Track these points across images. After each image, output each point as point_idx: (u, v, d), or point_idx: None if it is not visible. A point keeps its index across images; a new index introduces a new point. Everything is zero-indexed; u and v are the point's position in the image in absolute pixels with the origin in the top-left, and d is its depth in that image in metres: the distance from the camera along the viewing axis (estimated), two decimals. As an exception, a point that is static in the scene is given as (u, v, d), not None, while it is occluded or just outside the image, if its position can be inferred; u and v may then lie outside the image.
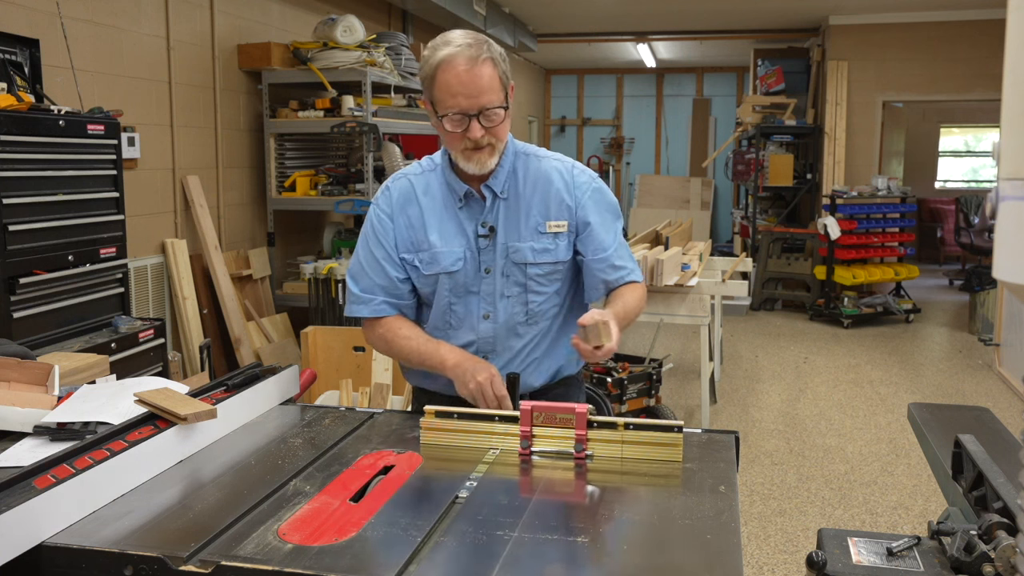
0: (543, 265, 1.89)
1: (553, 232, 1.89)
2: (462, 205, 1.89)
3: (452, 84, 1.72)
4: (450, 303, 1.92)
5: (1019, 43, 0.87)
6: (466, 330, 1.93)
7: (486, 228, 1.88)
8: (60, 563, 1.21)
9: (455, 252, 1.88)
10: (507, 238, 1.88)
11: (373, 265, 1.93)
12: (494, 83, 1.75)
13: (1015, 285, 0.89)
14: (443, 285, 1.91)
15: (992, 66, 8.43)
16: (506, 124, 1.82)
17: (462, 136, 1.77)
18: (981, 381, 6.09)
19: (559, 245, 1.90)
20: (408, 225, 1.92)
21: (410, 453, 1.60)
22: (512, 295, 1.90)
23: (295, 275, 5.26)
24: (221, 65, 4.92)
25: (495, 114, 1.76)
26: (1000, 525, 1.14)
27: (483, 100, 1.74)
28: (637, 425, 1.57)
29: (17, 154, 3.00)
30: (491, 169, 1.84)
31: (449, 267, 1.89)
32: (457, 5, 7.09)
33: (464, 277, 1.90)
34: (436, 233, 1.89)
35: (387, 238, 1.92)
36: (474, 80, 1.72)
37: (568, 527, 1.32)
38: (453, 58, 1.72)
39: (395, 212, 1.93)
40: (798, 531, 3.70)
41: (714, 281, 4.97)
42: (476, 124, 1.75)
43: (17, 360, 1.89)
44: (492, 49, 1.78)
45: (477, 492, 1.43)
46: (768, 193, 9.48)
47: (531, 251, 1.88)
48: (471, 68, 1.72)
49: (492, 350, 1.92)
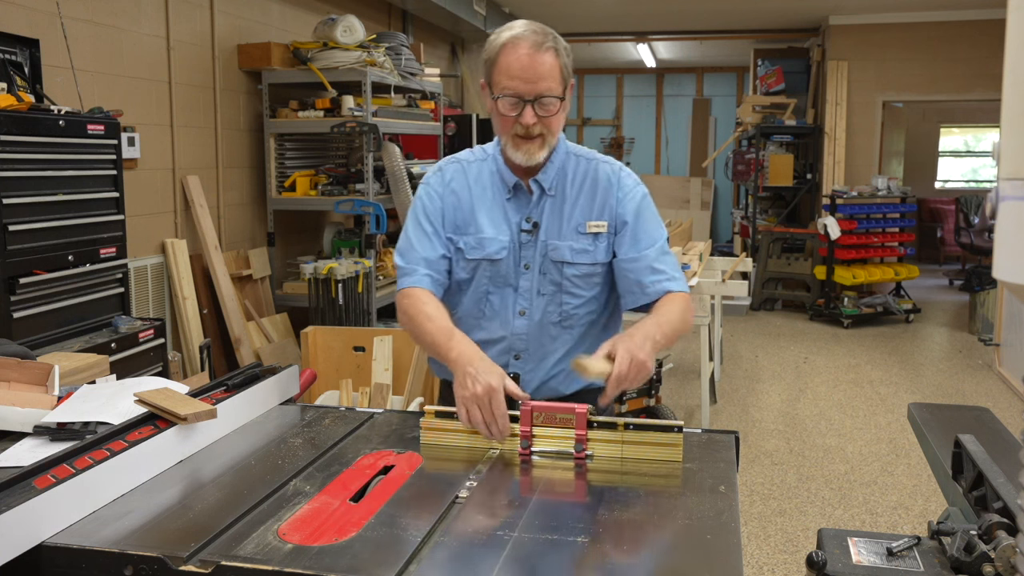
0: (580, 266, 1.88)
1: (593, 233, 1.88)
2: (510, 197, 1.90)
3: (512, 67, 1.73)
4: (487, 292, 1.91)
5: (1019, 43, 0.87)
6: (499, 324, 1.91)
7: (530, 223, 1.88)
8: (60, 563, 1.20)
9: (501, 240, 1.88)
10: (548, 235, 1.88)
11: (421, 239, 1.91)
12: (554, 73, 1.75)
13: (1015, 285, 0.89)
14: (483, 272, 1.90)
15: (992, 66, 8.43)
16: (560, 118, 1.80)
17: (514, 121, 1.77)
18: (981, 381, 6.09)
19: (598, 247, 1.88)
20: (456, 207, 1.91)
21: (410, 453, 1.60)
22: (547, 293, 1.89)
23: (295, 275, 5.26)
24: (221, 65, 4.92)
25: (551, 103, 1.76)
26: (1000, 525, 1.14)
27: (540, 87, 1.73)
28: (637, 425, 1.57)
29: (17, 154, 3.00)
30: (539, 162, 1.83)
31: (494, 254, 1.88)
32: (457, 5, 7.09)
33: (504, 269, 1.89)
34: (486, 218, 1.89)
35: (435, 215, 1.92)
36: (534, 65, 1.72)
37: (568, 527, 1.32)
38: (517, 41, 1.73)
39: (445, 192, 1.93)
40: (798, 531, 3.70)
41: (714, 281, 4.97)
42: (530, 110, 1.75)
43: (17, 360, 1.89)
44: (558, 41, 1.78)
45: (477, 492, 1.43)
46: (768, 193, 9.48)
47: (569, 251, 1.87)
48: (533, 53, 1.72)
49: (524, 349, 1.91)
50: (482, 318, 1.92)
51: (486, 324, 1.92)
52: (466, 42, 9.09)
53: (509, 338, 1.91)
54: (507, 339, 1.91)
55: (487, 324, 1.92)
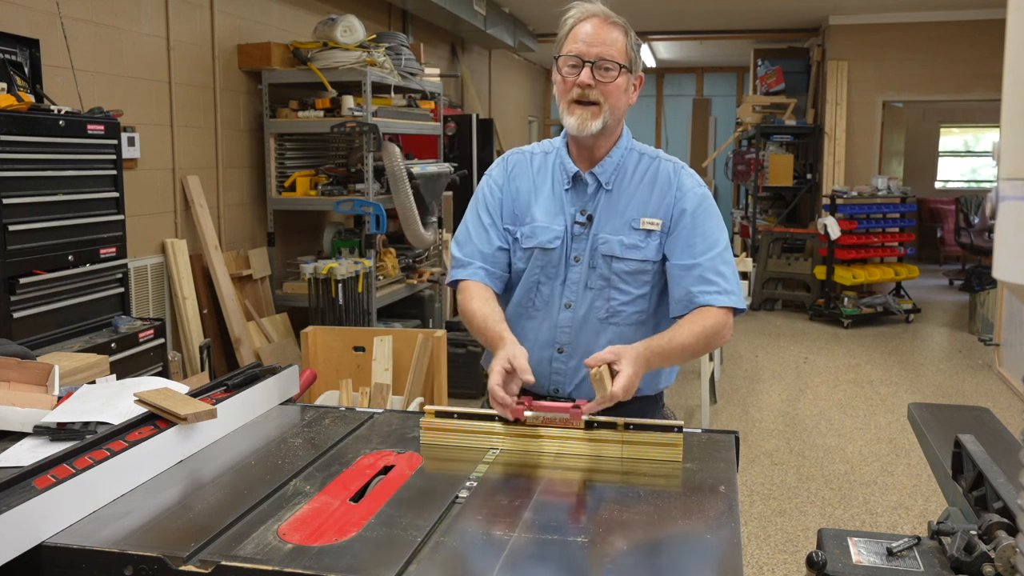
0: (629, 262, 1.86)
1: (646, 229, 1.86)
2: (568, 188, 1.91)
3: (579, 34, 1.81)
4: (538, 282, 1.92)
5: (1019, 43, 0.87)
6: (545, 316, 1.91)
7: (584, 216, 1.88)
8: (60, 563, 1.20)
9: (555, 230, 1.89)
10: (600, 229, 1.87)
11: (479, 231, 1.95)
12: (618, 44, 1.80)
13: (1015, 285, 0.89)
14: (536, 262, 1.91)
15: (992, 66, 8.43)
16: (620, 92, 1.83)
17: (572, 84, 1.81)
18: (981, 381, 6.09)
19: (649, 244, 1.86)
20: (515, 198, 1.95)
21: (410, 453, 1.60)
22: (595, 288, 1.88)
23: (295, 275, 5.26)
24: (221, 65, 4.92)
25: (610, 66, 1.79)
26: (1000, 525, 1.14)
27: (602, 51, 1.79)
28: (637, 425, 1.57)
29: (17, 154, 2.99)
30: (593, 132, 1.83)
31: (547, 243, 1.89)
32: (457, 5, 7.08)
33: (556, 259, 1.89)
34: (541, 209, 1.91)
35: (495, 206, 1.95)
36: (599, 34, 1.80)
37: (568, 527, 1.32)
38: (589, 14, 1.82)
39: (506, 183, 1.97)
40: (798, 531, 3.70)
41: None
42: (588, 71, 1.79)
43: (17, 360, 1.89)
44: (626, 25, 1.84)
45: (477, 492, 1.43)
46: (768, 193, 9.49)
47: (620, 245, 1.86)
48: (602, 24, 1.81)
49: (568, 343, 1.90)
50: (531, 307, 1.93)
51: (535, 314, 1.93)
52: (466, 42, 9.09)
53: (554, 331, 1.91)
54: (552, 332, 1.91)
55: (535, 314, 1.93)
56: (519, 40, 9.35)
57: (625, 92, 1.85)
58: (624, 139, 1.93)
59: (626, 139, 1.93)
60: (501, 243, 1.93)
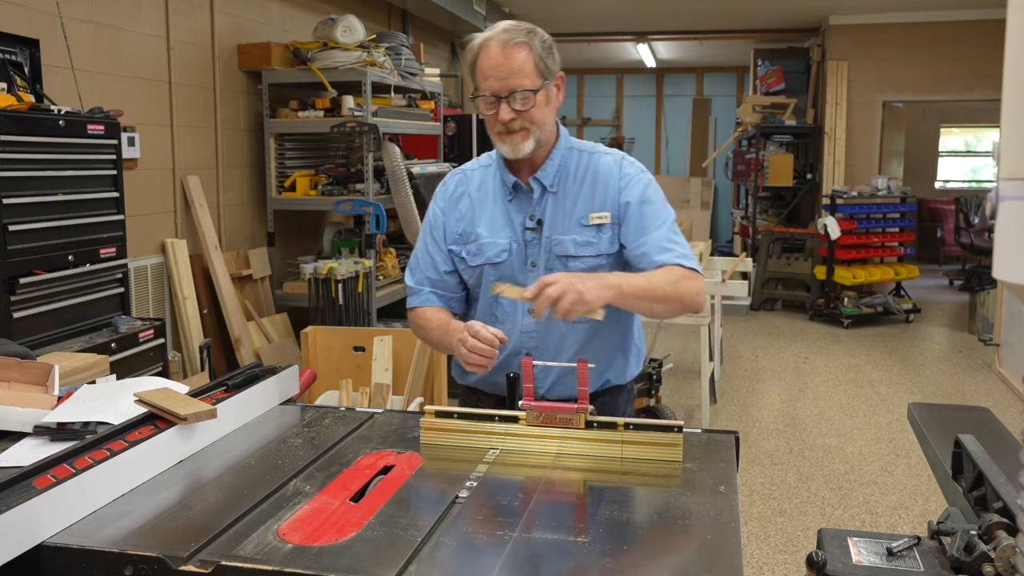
0: (585, 259, 1.88)
1: (596, 224, 1.88)
2: (511, 198, 1.93)
3: (485, 67, 1.79)
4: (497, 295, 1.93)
5: (1019, 43, 0.87)
6: (511, 324, 1.93)
7: (533, 221, 1.90)
8: (60, 563, 1.20)
9: (500, 244, 1.91)
10: (551, 231, 1.89)
11: (426, 257, 2.01)
12: (526, 67, 1.78)
13: (1015, 285, 0.89)
14: (488, 277, 1.93)
15: (992, 66, 8.43)
16: (542, 110, 1.83)
17: (495, 119, 1.82)
18: (981, 381, 6.09)
19: (602, 238, 1.89)
20: (459, 218, 1.97)
21: (410, 453, 1.60)
22: None
23: (295, 275, 5.26)
24: (221, 65, 4.92)
25: (525, 97, 1.79)
26: (1000, 525, 1.14)
27: (512, 83, 1.78)
28: (637, 425, 1.57)
29: (17, 154, 2.99)
30: (527, 154, 1.85)
31: (493, 258, 1.92)
32: (457, 5, 7.08)
33: (510, 269, 1.92)
34: (484, 225, 1.94)
35: (439, 232, 1.99)
36: (504, 63, 1.77)
37: (568, 527, 1.32)
38: (488, 42, 1.80)
39: (448, 206, 1.99)
40: (798, 531, 3.70)
41: (714, 281, 4.97)
42: (505, 106, 1.79)
43: (17, 360, 1.89)
44: (532, 36, 1.81)
45: (477, 492, 1.43)
46: (768, 193, 9.49)
47: (573, 244, 1.88)
48: (502, 51, 1.78)
49: (535, 347, 1.92)
50: (495, 322, 1.94)
51: (499, 327, 1.93)
52: (466, 42, 9.09)
53: (520, 337, 1.92)
54: (519, 338, 1.92)
55: (500, 327, 1.93)
56: (519, 40, 9.33)
57: (548, 104, 1.86)
58: (562, 139, 1.94)
59: (564, 139, 1.95)
60: (448, 267, 1.98)
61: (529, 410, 1.61)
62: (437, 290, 1.98)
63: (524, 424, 1.62)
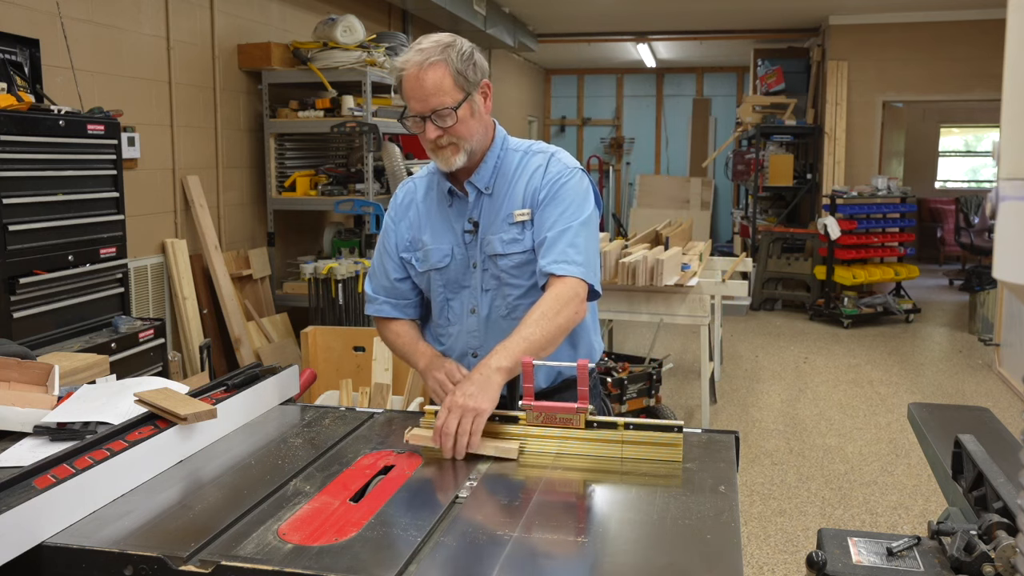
0: (512, 256, 1.91)
1: (520, 221, 1.91)
2: (451, 203, 1.97)
3: (407, 89, 1.81)
4: (446, 299, 2.00)
5: (1019, 43, 0.87)
6: (459, 324, 1.99)
7: (471, 224, 1.94)
8: (60, 563, 1.20)
9: (443, 249, 1.96)
10: (484, 232, 1.94)
11: (380, 267, 2.07)
12: (443, 85, 1.79)
13: (1015, 285, 0.89)
14: (436, 281, 1.99)
15: (992, 66, 8.43)
16: (466, 123, 1.84)
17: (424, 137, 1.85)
18: (981, 381, 6.09)
19: (527, 235, 1.91)
20: (409, 226, 2.02)
21: (410, 453, 1.60)
22: (491, 288, 1.95)
23: (295, 275, 5.26)
24: (221, 65, 4.92)
25: (446, 115, 1.80)
26: (1000, 525, 1.14)
27: (432, 103, 1.79)
28: (637, 425, 1.57)
29: (17, 154, 3.00)
30: (460, 166, 1.88)
31: (437, 263, 1.97)
32: (457, 5, 7.08)
33: (455, 273, 1.97)
34: (429, 232, 1.99)
35: (391, 241, 2.04)
36: (421, 84, 1.78)
37: (568, 527, 1.32)
38: (405, 65, 1.80)
39: (398, 215, 2.04)
40: (798, 531, 3.70)
41: (714, 281, 4.97)
42: (430, 125, 1.82)
43: (17, 360, 1.89)
44: (448, 51, 1.80)
45: (477, 492, 1.43)
46: (768, 193, 9.48)
47: (500, 242, 1.92)
48: (418, 72, 1.78)
49: (480, 345, 1.96)
50: (448, 324, 2.01)
51: (452, 329, 2.01)
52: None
53: (466, 336, 1.98)
54: (466, 338, 1.98)
55: (452, 329, 2.01)
56: (519, 40, 9.35)
57: (474, 115, 1.85)
58: (497, 142, 1.95)
59: (499, 141, 1.96)
60: (399, 274, 2.04)
61: (529, 410, 1.61)
62: (391, 299, 2.05)
63: (524, 424, 1.62)
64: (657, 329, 4.96)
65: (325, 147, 5.67)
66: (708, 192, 12.33)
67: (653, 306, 4.64)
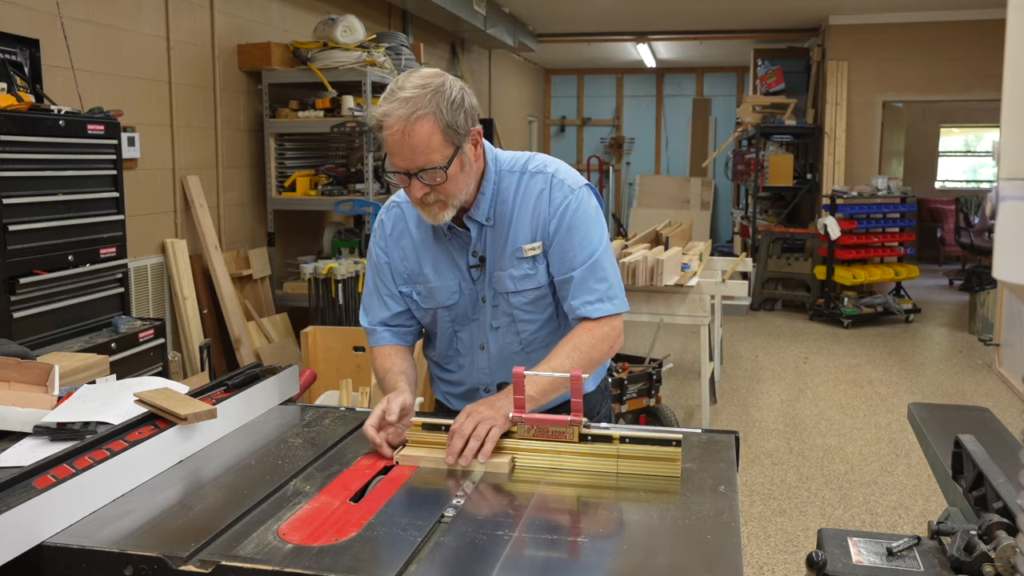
0: (526, 292, 1.81)
1: (531, 256, 1.79)
2: (450, 237, 1.82)
3: (390, 143, 1.62)
4: (454, 331, 1.89)
5: (1019, 43, 0.87)
6: (470, 359, 1.89)
7: (476, 258, 1.81)
8: (60, 563, 1.20)
9: (449, 286, 1.84)
10: (493, 267, 1.81)
11: (376, 300, 1.92)
12: (432, 141, 1.60)
13: (1015, 285, 0.89)
14: (443, 317, 1.87)
15: (992, 66, 8.43)
16: (455, 181, 1.66)
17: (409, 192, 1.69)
18: (981, 381, 6.09)
19: (538, 269, 1.80)
20: (403, 257, 1.87)
21: (410, 453, 1.60)
22: (502, 325, 1.84)
23: (295, 275, 5.26)
24: (221, 65, 4.92)
25: (434, 174, 1.63)
26: (1000, 525, 1.14)
27: (419, 161, 1.61)
28: (633, 439, 1.50)
29: (17, 154, 2.99)
30: (447, 220, 1.72)
31: (445, 301, 1.84)
32: (457, 5, 7.08)
33: (464, 308, 1.85)
34: (430, 266, 1.84)
35: (385, 273, 1.90)
36: (407, 140, 1.59)
37: (568, 527, 1.32)
38: (387, 116, 1.60)
39: (389, 246, 1.89)
40: (798, 531, 3.70)
41: (714, 281, 4.97)
42: (417, 183, 1.64)
43: (17, 360, 1.89)
44: (437, 100, 1.60)
45: (477, 493, 1.43)
46: (768, 193, 9.48)
47: (510, 279, 1.80)
48: (404, 128, 1.58)
49: (490, 382, 1.88)
50: (457, 356, 1.91)
51: (462, 361, 1.91)
52: (466, 42, 9.09)
53: (476, 372, 1.89)
54: (476, 374, 1.89)
55: (463, 360, 1.91)
56: (519, 40, 9.35)
57: (464, 169, 1.68)
58: (490, 168, 1.79)
59: (492, 168, 1.79)
60: (398, 307, 1.89)
61: (520, 423, 1.56)
62: (391, 327, 1.91)
63: (516, 438, 1.57)
64: (657, 329, 4.95)
65: (325, 147, 5.67)
66: (708, 192, 12.33)
67: (653, 306, 4.64)
